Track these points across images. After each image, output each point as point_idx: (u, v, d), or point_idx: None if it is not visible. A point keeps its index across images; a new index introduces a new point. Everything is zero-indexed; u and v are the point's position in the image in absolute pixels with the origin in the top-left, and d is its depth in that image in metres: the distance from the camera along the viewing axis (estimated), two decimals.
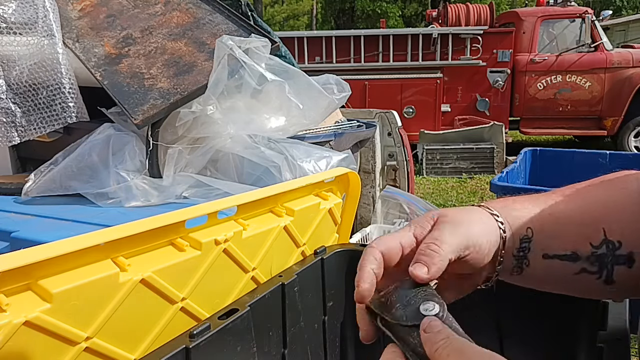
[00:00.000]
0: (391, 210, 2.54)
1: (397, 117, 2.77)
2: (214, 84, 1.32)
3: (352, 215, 1.01)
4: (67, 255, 0.51)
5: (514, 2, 20.60)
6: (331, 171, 0.97)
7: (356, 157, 2.10)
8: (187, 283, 0.65)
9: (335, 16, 20.47)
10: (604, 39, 6.31)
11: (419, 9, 19.56)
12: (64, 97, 1.39)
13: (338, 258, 0.86)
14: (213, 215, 0.69)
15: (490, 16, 6.85)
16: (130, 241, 0.58)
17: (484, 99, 6.49)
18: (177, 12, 1.60)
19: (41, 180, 1.28)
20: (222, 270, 0.70)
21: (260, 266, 0.77)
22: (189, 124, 1.33)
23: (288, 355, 0.75)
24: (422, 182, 5.38)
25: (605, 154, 2.47)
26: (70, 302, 0.51)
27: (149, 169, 1.30)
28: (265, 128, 1.39)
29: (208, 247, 0.66)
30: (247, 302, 0.67)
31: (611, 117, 6.20)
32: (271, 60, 1.42)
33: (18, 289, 0.49)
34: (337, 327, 0.87)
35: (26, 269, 0.48)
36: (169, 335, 0.62)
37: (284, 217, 0.81)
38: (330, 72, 1.75)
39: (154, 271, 0.59)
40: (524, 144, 7.19)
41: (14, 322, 0.46)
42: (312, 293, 0.81)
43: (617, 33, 12.23)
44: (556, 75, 6.27)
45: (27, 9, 1.46)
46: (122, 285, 0.56)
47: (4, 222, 1.12)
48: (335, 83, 1.53)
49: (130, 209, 1.22)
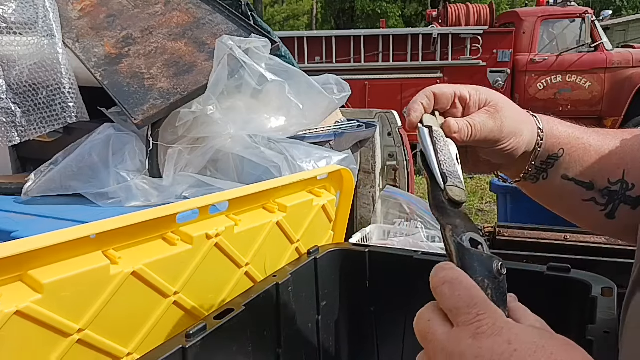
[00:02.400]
0: (391, 210, 2.54)
1: (397, 117, 2.76)
2: (214, 84, 1.32)
3: (346, 212, 1.01)
4: (57, 247, 0.51)
5: (514, 2, 20.60)
6: (324, 168, 0.97)
7: (356, 157, 2.10)
8: (180, 277, 0.65)
9: (335, 16, 20.47)
10: (604, 39, 6.31)
11: (419, 9, 19.55)
12: (64, 97, 1.39)
13: (331, 257, 0.86)
14: (204, 210, 0.69)
15: (490, 16, 6.85)
16: (121, 234, 0.58)
17: None
18: (177, 12, 1.60)
19: (41, 180, 1.28)
20: (214, 265, 0.70)
21: (253, 262, 0.78)
22: (189, 124, 1.33)
23: (283, 354, 0.75)
24: (422, 182, 5.37)
25: None
26: (61, 293, 0.51)
27: (149, 169, 1.30)
28: (265, 128, 1.39)
29: (199, 241, 0.67)
30: (242, 302, 0.67)
31: (611, 117, 6.20)
32: (271, 60, 1.42)
33: (9, 280, 0.49)
34: (331, 327, 0.88)
35: (17, 259, 0.48)
36: (163, 329, 0.63)
37: (277, 213, 0.82)
38: (330, 72, 1.75)
39: (145, 264, 0.59)
40: None
41: (5, 312, 0.46)
42: (305, 293, 0.82)
43: (617, 33, 12.23)
44: (556, 75, 6.27)
45: (27, 9, 1.46)
46: (113, 278, 0.56)
47: (4, 222, 1.12)
48: (335, 83, 1.53)
49: (130, 209, 1.22)
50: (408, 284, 0.82)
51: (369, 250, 0.86)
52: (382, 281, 0.85)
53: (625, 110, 6.11)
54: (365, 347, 0.89)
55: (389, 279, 0.85)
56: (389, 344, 0.87)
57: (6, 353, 0.48)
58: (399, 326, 0.84)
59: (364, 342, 0.88)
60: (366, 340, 0.88)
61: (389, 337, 0.87)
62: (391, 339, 0.86)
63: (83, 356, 0.55)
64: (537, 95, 6.37)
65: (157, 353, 0.55)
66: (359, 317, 0.88)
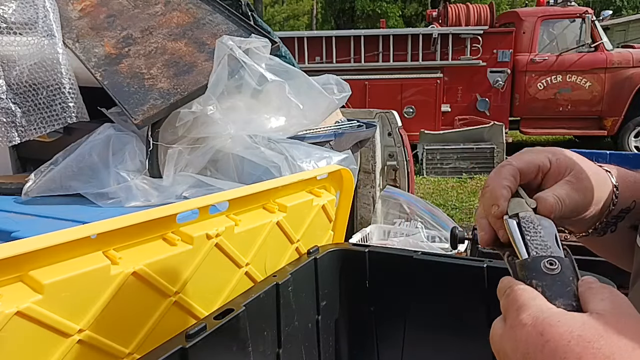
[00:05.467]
0: (391, 210, 2.54)
1: (397, 117, 2.77)
2: (214, 84, 1.32)
3: (346, 212, 1.01)
4: (58, 247, 0.51)
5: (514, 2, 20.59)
6: (324, 168, 0.97)
7: (356, 157, 2.10)
8: (180, 277, 0.65)
9: (335, 16, 20.47)
10: (604, 39, 6.31)
11: (419, 9, 19.54)
12: (64, 97, 1.39)
13: (331, 258, 0.86)
14: (204, 211, 0.69)
15: (490, 16, 6.85)
16: (121, 234, 0.58)
17: (484, 99, 6.49)
18: (177, 12, 1.60)
19: (41, 180, 1.28)
20: (215, 265, 0.70)
21: (253, 262, 0.78)
22: (189, 124, 1.33)
23: (283, 354, 0.76)
24: (422, 182, 5.37)
25: (606, 154, 2.46)
26: (61, 293, 0.51)
27: (149, 169, 1.30)
28: (265, 128, 1.39)
29: (200, 242, 0.67)
30: (242, 302, 0.67)
31: (611, 117, 6.20)
32: (271, 61, 1.42)
33: (9, 280, 0.50)
34: (331, 326, 0.88)
35: (17, 260, 0.48)
36: (163, 329, 0.63)
37: (277, 213, 0.82)
38: (330, 72, 1.75)
39: (145, 264, 0.59)
40: (524, 144, 7.19)
41: (5, 312, 0.47)
42: (305, 293, 0.82)
43: (617, 33, 12.22)
44: (556, 75, 6.27)
45: (27, 9, 1.46)
46: (114, 278, 0.56)
47: (4, 222, 1.12)
48: (336, 83, 1.53)
49: (131, 209, 1.22)
50: (408, 284, 0.82)
51: (369, 250, 0.86)
52: (382, 281, 0.85)
53: (625, 110, 6.11)
54: (365, 347, 0.89)
55: (389, 279, 0.85)
56: (389, 344, 0.87)
57: (7, 353, 0.47)
58: (399, 326, 0.84)
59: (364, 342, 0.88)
60: (366, 340, 0.88)
61: (389, 337, 0.87)
62: (391, 338, 0.86)
63: (83, 356, 0.54)
64: (537, 95, 6.37)
65: (157, 353, 0.55)
66: (359, 317, 0.88)
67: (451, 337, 0.80)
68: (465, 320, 0.77)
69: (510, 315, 0.39)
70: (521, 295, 0.39)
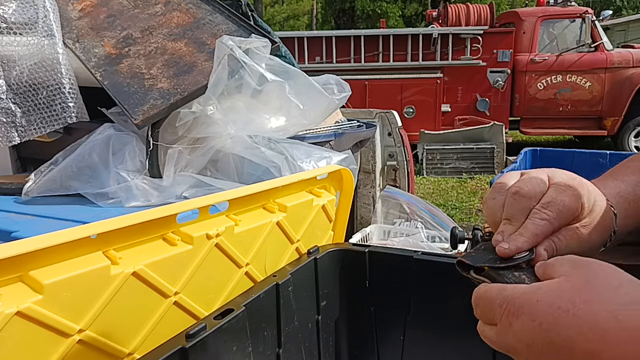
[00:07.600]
0: (391, 210, 2.54)
1: (397, 117, 2.76)
2: (214, 84, 1.32)
3: (346, 212, 1.01)
4: (58, 247, 0.51)
5: (514, 2, 20.59)
6: (324, 168, 0.97)
7: (356, 157, 2.10)
8: (180, 277, 0.65)
9: (335, 16, 20.46)
10: (604, 39, 6.31)
11: (419, 9, 19.53)
12: (64, 97, 1.39)
13: (331, 257, 0.86)
14: (204, 211, 0.69)
15: (490, 16, 6.85)
16: (121, 234, 0.58)
17: (484, 99, 6.49)
18: (177, 12, 1.60)
19: (41, 180, 1.28)
20: (215, 265, 0.70)
21: (253, 262, 0.78)
22: (189, 124, 1.33)
23: (283, 354, 0.75)
24: (422, 182, 5.37)
25: (606, 154, 2.46)
26: (61, 293, 0.51)
27: (149, 169, 1.30)
28: (265, 128, 1.39)
29: (200, 242, 0.67)
30: (242, 302, 0.67)
31: (611, 117, 6.20)
32: (271, 61, 1.42)
33: (9, 280, 0.49)
34: (331, 326, 0.88)
35: (17, 260, 0.48)
36: (163, 329, 0.63)
37: (277, 213, 0.82)
38: (331, 72, 1.75)
39: (145, 264, 0.59)
40: (524, 144, 7.19)
41: (5, 313, 0.46)
42: (305, 293, 0.82)
43: (617, 33, 12.23)
44: (556, 75, 6.27)
45: (27, 9, 1.46)
46: (114, 278, 0.56)
47: (4, 222, 1.12)
48: (336, 83, 1.53)
49: (131, 209, 1.22)
50: (408, 284, 0.82)
51: (369, 250, 0.86)
52: (382, 281, 0.85)
53: (625, 110, 6.11)
54: (365, 347, 0.89)
55: (389, 279, 0.85)
56: (389, 344, 0.87)
57: (7, 354, 0.48)
58: (399, 326, 0.84)
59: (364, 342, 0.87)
60: (366, 340, 0.88)
61: (389, 337, 0.87)
62: (391, 338, 0.86)
63: (84, 356, 0.54)
64: (537, 95, 6.37)
65: (157, 353, 0.55)
66: (359, 317, 0.88)
67: (451, 337, 0.80)
68: (466, 320, 0.77)
69: (494, 316, 0.42)
70: (489, 293, 0.43)
